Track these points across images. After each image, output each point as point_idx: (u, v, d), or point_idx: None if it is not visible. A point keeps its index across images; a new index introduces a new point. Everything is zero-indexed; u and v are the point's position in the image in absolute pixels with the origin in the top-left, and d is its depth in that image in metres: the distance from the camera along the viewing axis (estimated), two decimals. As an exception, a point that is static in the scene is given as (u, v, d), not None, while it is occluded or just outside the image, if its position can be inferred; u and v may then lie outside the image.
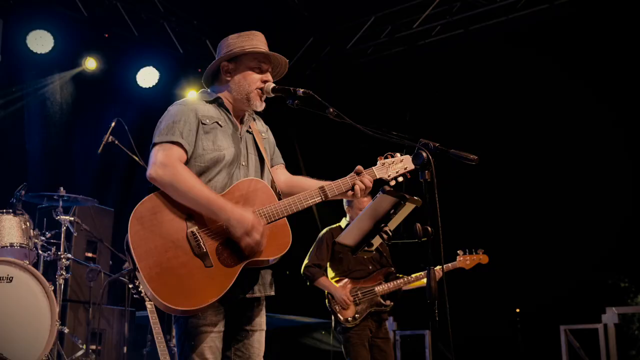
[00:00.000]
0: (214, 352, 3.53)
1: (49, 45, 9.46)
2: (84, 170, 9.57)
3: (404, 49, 10.85)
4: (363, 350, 6.50)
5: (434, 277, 3.26)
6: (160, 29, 10.83)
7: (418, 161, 3.34)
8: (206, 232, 3.47)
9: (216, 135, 3.71)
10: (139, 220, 3.42)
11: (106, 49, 10.17)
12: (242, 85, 3.83)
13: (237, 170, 3.72)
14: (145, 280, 3.34)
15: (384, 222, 3.67)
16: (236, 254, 3.49)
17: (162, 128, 3.63)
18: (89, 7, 9.89)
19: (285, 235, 3.61)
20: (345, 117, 3.71)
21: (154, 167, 3.51)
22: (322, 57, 11.51)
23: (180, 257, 3.40)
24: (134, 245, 3.37)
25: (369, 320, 6.62)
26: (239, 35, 3.90)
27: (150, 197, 3.49)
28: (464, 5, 10.04)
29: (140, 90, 10.60)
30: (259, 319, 3.76)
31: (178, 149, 3.57)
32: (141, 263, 3.34)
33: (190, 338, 3.51)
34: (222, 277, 3.43)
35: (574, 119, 10.24)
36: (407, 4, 10.40)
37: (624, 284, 15.20)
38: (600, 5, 9.27)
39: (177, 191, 3.46)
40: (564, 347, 8.45)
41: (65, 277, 6.69)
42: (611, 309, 8.09)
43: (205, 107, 3.77)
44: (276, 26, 10.48)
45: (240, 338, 3.70)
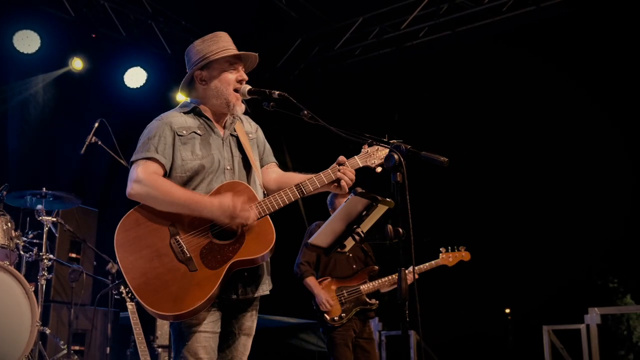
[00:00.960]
0: (208, 352, 3.58)
1: (36, 45, 9.42)
2: (68, 171, 9.55)
3: (392, 50, 10.86)
4: (346, 351, 6.51)
5: (404, 277, 3.28)
6: (148, 30, 10.82)
7: (390, 163, 3.35)
8: (189, 237, 3.56)
9: (194, 144, 3.76)
10: (123, 233, 3.55)
11: (93, 49, 10.13)
12: (220, 89, 3.85)
13: (223, 175, 3.76)
14: (133, 291, 3.47)
15: (356, 224, 3.69)
16: (220, 256, 3.55)
17: (139, 146, 3.73)
18: (76, 7, 9.86)
19: (268, 233, 3.64)
20: (319, 119, 3.73)
21: (130, 185, 3.61)
22: (310, 59, 11.52)
23: (166, 264, 3.51)
24: (120, 258, 3.52)
25: (353, 321, 6.63)
26: (203, 41, 3.92)
27: (133, 211, 3.60)
28: (451, 7, 10.06)
29: (128, 91, 10.57)
30: (249, 323, 3.81)
31: (153, 164, 3.66)
32: (128, 275, 3.50)
33: (183, 338, 3.58)
34: (207, 280, 3.50)
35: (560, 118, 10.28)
36: (394, 5, 10.41)
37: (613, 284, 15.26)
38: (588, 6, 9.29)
39: (155, 199, 3.56)
40: (547, 347, 8.47)
41: (47, 277, 6.68)
42: (594, 309, 8.12)
43: (181, 118, 3.82)
44: (264, 27, 10.50)
45: (226, 340, 3.74)
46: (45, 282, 6.63)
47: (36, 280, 6.59)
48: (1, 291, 5.59)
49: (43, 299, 6.57)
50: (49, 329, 6.75)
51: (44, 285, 6.61)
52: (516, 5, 9.68)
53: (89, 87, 10.26)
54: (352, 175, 3.80)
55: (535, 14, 9.62)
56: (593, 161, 10.17)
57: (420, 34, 10.57)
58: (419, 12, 10.28)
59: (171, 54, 11.05)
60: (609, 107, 9.77)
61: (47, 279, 6.68)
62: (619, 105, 9.73)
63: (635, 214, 10.35)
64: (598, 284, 13.95)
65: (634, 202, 10.40)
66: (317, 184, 3.76)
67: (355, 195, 3.56)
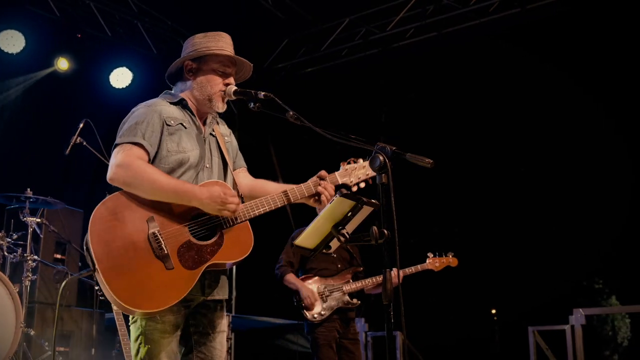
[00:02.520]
0: (169, 356, 3.51)
1: (20, 45, 9.39)
2: (53, 171, 9.51)
3: (379, 51, 10.88)
4: (329, 351, 6.51)
5: (389, 279, 3.28)
6: (134, 30, 10.79)
7: (374, 165, 3.35)
8: (168, 234, 3.45)
9: (181, 137, 3.70)
10: (99, 220, 3.39)
11: (79, 49, 10.09)
12: (205, 86, 3.82)
13: (202, 172, 3.72)
14: (104, 282, 3.30)
15: (342, 225, 3.68)
16: (198, 256, 3.47)
17: (125, 129, 3.62)
18: (61, 7, 9.82)
19: (247, 239, 3.61)
20: (304, 120, 3.73)
21: (112, 169, 3.48)
22: (297, 59, 11.52)
23: (141, 258, 3.37)
24: (93, 246, 3.34)
25: (335, 321, 6.63)
26: (205, 35, 3.89)
27: (111, 197, 3.46)
28: (438, 8, 10.10)
29: (114, 91, 10.54)
30: (219, 320, 3.76)
31: (138, 149, 3.55)
32: (100, 264, 3.31)
33: (146, 342, 3.48)
34: (183, 279, 3.41)
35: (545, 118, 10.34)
36: (381, 6, 10.43)
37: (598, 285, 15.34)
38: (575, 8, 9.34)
39: (141, 186, 3.44)
40: (532, 348, 8.50)
41: (31, 278, 6.64)
42: (578, 310, 8.15)
43: (169, 108, 3.76)
44: (250, 28, 10.48)
45: (202, 340, 3.69)
46: (29, 283, 6.59)
47: (20, 281, 6.55)
48: (-15, 292, 5.58)
49: (27, 300, 6.53)
50: (33, 330, 6.72)
51: (29, 286, 6.57)
52: (502, 7, 9.72)
53: (74, 87, 10.23)
54: (332, 191, 3.81)
55: (521, 16, 9.66)
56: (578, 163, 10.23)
57: (406, 35, 10.59)
58: (405, 13, 10.31)
59: (157, 54, 11.03)
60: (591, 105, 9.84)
61: (31, 280, 6.64)
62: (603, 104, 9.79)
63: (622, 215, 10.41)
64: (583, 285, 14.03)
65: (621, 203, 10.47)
66: (297, 195, 3.76)
67: (340, 196, 3.56)
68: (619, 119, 9.82)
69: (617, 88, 9.72)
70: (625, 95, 9.68)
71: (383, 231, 3.33)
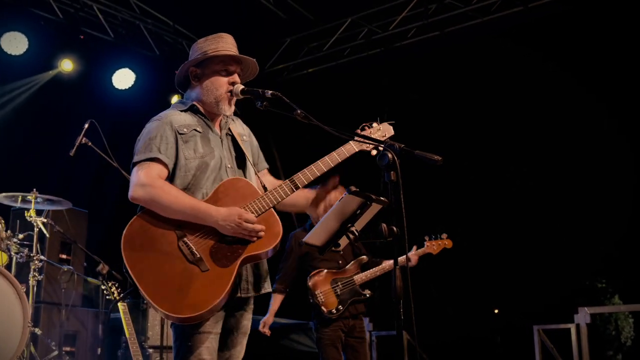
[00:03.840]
0: (211, 352, 3.56)
1: (24, 47, 9.41)
2: (58, 172, 9.53)
3: (381, 50, 10.90)
4: (334, 352, 6.52)
5: (399, 276, 3.29)
6: (136, 31, 10.81)
7: (383, 162, 3.36)
8: (197, 238, 3.52)
9: (196, 142, 3.74)
10: (130, 241, 3.48)
11: (81, 50, 10.11)
12: (210, 89, 3.84)
13: (224, 173, 3.75)
14: (147, 297, 3.40)
15: (351, 222, 3.70)
16: (230, 253, 3.53)
17: (140, 147, 3.67)
18: (63, 8, 9.85)
19: (275, 225, 3.64)
20: (312, 119, 3.73)
21: (133, 188, 3.55)
22: (299, 59, 11.54)
23: (177, 267, 3.46)
24: (130, 266, 3.44)
25: (342, 320, 6.63)
26: (206, 40, 3.90)
27: (136, 218, 3.54)
28: (440, 7, 10.10)
29: (116, 92, 10.56)
30: (245, 322, 3.80)
31: (157, 165, 3.61)
32: (141, 282, 3.42)
33: (187, 339, 3.54)
34: (219, 278, 3.47)
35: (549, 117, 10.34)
36: (383, 6, 10.45)
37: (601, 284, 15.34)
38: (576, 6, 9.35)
39: (160, 206, 3.51)
40: (537, 347, 8.51)
41: (38, 278, 6.66)
42: (583, 309, 8.15)
43: (180, 116, 3.78)
44: (252, 28, 10.51)
45: (225, 339, 3.72)
46: (35, 283, 6.61)
47: (27, 281, 6.57)
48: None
49: (34, 300, 6.55)
50: (39, 330, 6.74)
51: (35, 286, 6.59)
52: (504, 6, 9.73)
53: (77, 88, 10.24)
54: None
55: (523, 14, 9.67)
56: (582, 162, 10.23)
57: (408, 34, 10.61)
58: (407, 12, 10.32)
59: (159, 55, 11.05)
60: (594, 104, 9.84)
61: (37, 279, 6.66)
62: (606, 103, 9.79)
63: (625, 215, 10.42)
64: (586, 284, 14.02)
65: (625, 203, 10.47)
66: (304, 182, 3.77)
67: (349, 194, 3.57)
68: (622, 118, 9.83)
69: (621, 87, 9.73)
70: (629, 94, 9.69)
71: (392, 228, 3.34)
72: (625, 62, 9.57)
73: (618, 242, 10.92)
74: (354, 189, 3.62)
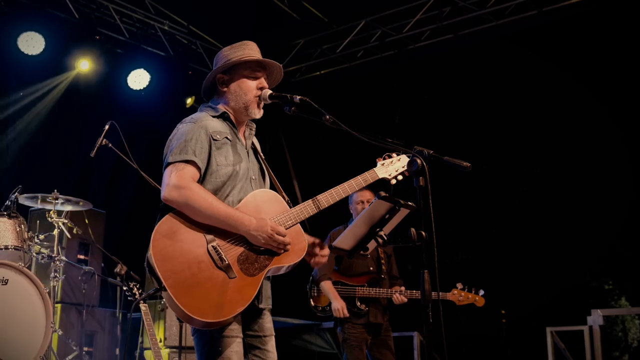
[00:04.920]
0: (239, 357, 3.61)
1: (40, 47, 9.45)
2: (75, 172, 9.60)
3: (394, 52, 10.92)
4: (360, 354, 6.57)
5: (427, 280, 3.33)
6: (151, 31, 10.86)
7: (413, 168, 3.42)
8: (226, 245, 3.56)
9: (228, 150, 3.78)
10: (159, 240, 3.48)
11: (97, 51, 10.16)
12: (239, 94, 3.88)
13: (250, 184, 3.81)
14: (173, 298, 3.40)
15: (379, 227, 3.75)
16: (257, 263, 3.59)
17: (174, 147, 3.69)
18: (79, 8, 9.90)
19: (301, 241, 3.72)
20: (341, 124, 3.78)
21: (167, 188, 3.57)
22: (312, 60, 11.57)
23: (204, 271, 3.48)
24: (158, 265, 3.43)
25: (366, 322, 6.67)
26: (231, 47, 3.96)
27: (167, 218, 3.56)
28: (454, 10, 10.12)
29: (132, 93, 10.61)
30: (268, 324, 3.85)
31: (191, 168, 3.63)
32: (167, 281, 3.42)
33: (216, 344, 3.56)
34: (246, 286, 3.53)
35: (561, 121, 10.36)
36: (397, 8, 10.46)
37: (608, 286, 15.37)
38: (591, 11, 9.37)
39: (193, 210, 3.53)
40: (550, 348, 8.55)
41: (59, 279, 6.72)
42: (596, 311, 8.21)
43: (213, 122, 3.82)
44: (266, 29, 10.54)
45: (256, 344, 3.78)
46: (57, 284, 6.67)
47: (47, 282, 6.62)
48: (17, 293, 5.65)
49: (54, 301, 6.61)
50: (60, 330, 6.79)
51: (57, 286, 6.65)
52: (519, 9, 9.74)
53: (93, 88, 10.30)
54: None
55: (538, 18, 9.68)
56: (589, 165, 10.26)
57: (422, 37, 10.63)
58: (421, 15, 10.33)
59: (174, 56, 11.09)
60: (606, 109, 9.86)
61: (58, 280, 6.71)
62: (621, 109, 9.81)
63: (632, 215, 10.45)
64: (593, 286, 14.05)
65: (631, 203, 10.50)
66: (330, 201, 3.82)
67: (379, 199, 3.63)
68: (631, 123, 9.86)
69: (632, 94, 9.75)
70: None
71: (421, 233, 3.39)
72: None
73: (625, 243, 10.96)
74: (383, 194, 3.68)
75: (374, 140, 3.76)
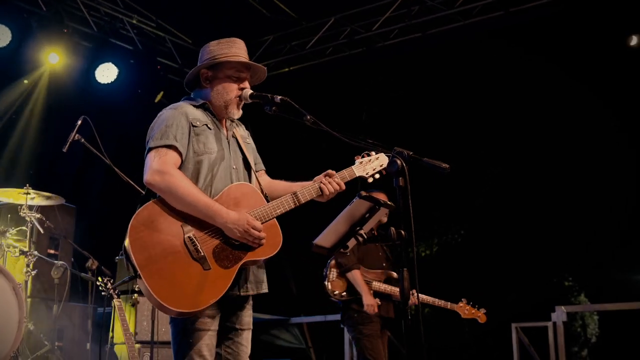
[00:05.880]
0: (210, 349, 3.66)
1: (7, 40, 9.34)
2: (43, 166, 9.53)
3: (363, 50, 10.99)
4: (379, 343, 6.71)
5: (407, 278, 3.42)
6: (120, 25, 10.79)
7: (393, 168, 3.50)
8: (203, 236, 3.61)
9: (207, 137, 3.84)
10: (137, 228, 3.54)
11: (65, 44, 10.05)
12: (221, 92, 3.94)
13: (229, 173, 3.85)
14: (147, 286, 3.46)
15: (359, 226, 3.83)
16: (232, 255, 3.64)
17: (156, 133, 3.75)
18: (47, 1, 9.80)
19: (276, 235, 3.78)
20: (322, 125, 3.85)
21: (150, 172, 3.63)
22: (281, 57, 11.60)
23: (180, 261, 3.54)
24: (134, 254, 3.49)
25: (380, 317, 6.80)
26: (218, 43, 4.00)
27: (146, 206, 3.61)
28: (422, 9, 10.21)
29: (99, 86, 10.53)
30: (247, 318, 3.90)
31: (173, 153, 3.70)
32: (143, 270, 3.48)
33: (188, 336, 3.63)
34: (220, 278, 3.59)
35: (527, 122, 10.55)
36: (366, 6, 10.53)
37: (568, 282, 15.68)
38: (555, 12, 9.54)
39: (174, 197, 3.59)
40: (515, 344, 8.72)
41: (31, 274, 6.69)
42: (560, 307, 8.39)
43: (194, 110, 3.88)
44: (235, 24, 10.54)
45: (230, 336, 3.83)
46: (29, 279, 6.64)
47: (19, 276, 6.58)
48: (-10, 288, 5.62)
49: (27, 295, 6.57)
50: (32, 325, 6.76)
51: (28, 281, 6.62)
52: (486, 10, 9.88)
53: (61, 82, 10.20)
54: (336, 186, 3.94)
55: (504, 18, 9.84)
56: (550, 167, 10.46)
57: (391, 35, 10.72)
58: (390, 13, 10.41)
59: (142, 50, 11.03)
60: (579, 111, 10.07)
61: (30, 275, 6.68)
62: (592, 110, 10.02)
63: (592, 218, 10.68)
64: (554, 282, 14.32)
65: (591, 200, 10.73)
66: (306, 197, 3.91)
67: (359, 198, 3.70)
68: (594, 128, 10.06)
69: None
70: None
71: (401, 232, 3.48)
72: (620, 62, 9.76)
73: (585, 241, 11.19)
74: (364, 194, 3.75)
75: (355, 140, 3.83)
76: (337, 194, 3.99)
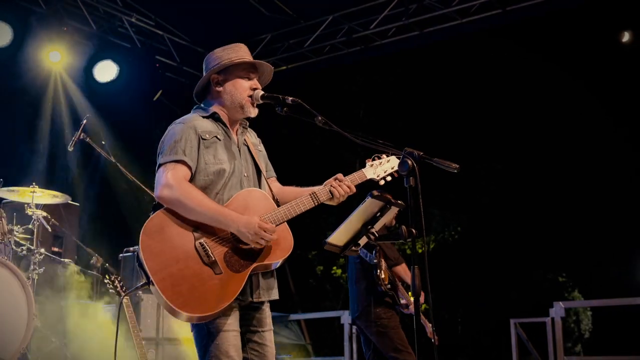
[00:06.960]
0: (237, 350, 3.73)
1: (8, 38, 9.37)
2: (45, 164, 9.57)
3: (360, 48, 11.06)
4: (401, 331, 6.83)
5: (417, 275, 3.51)
6: (119, 23, 10.83)
7: (404, 169, 3.59)
8: (213, 242, 3.69)
9: (216, 149, 3.89)
10: (148, 236, 3.63)
11: (64, 42, 10.08)
12: (234, 93, 3.99)
13: (240, 181, 3.91)
14: (160, 291, 3.54)
15: (371, 224, 3.90)
16: (243, 260, 3.71)
17: (165, 149, 3.83)
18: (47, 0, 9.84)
19: (288, 239, 3.85)
20: (333, 125, 3.92)
21: (160, 188, 3.72)
22: (279, 55, 11.65)
23: (191, 267, 3.61)
24: (146, 260, 3.58)
25: None
26: (224, 49, 4.07)
27: (157, 214, 3.70)
28: (420, 8, 10.28)
29: (98, 85, 10.57)
30: (267, 319, 3.96)
31: (182, 167, 3.78)
32: (155, 276, 3.56)
33: (214, 338, 3.69)
34: (232, 282, 3.65)
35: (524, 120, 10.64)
36: (364, 5, 10.59)
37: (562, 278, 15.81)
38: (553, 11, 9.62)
39: (185, 207, 3.68)
40: (514, 339, 8.82)
41: (38, 271, 6.74)
42: (558, 303, 8.49)
43: (203, 122, 3.94)
44: (234, 23, 10.58)
45: (254, 339, 3.89)
46: (37, 276, 6.70)
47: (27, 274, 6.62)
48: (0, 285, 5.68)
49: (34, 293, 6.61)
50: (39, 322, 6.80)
51: (36, 279, 6.68)
52: (483, 8, 9.96)
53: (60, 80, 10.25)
54: (346, 189, 3.98)
55: (502, 17, 9.92)
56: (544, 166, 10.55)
57: (388, 33, 10.78)
58: (388, 12, 10.48)
59: (141, 48, 11.07)
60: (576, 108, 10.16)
61: (38, 272, 6.74)
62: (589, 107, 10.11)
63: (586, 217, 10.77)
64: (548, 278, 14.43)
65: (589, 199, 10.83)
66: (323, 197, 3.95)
67: (372, 197, 3.78)
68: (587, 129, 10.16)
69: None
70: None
71: (411, 230, 3.57)
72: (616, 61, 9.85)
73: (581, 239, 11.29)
74: (376, 193, 3.83)
75: (365, 141, 3.91)
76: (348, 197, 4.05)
